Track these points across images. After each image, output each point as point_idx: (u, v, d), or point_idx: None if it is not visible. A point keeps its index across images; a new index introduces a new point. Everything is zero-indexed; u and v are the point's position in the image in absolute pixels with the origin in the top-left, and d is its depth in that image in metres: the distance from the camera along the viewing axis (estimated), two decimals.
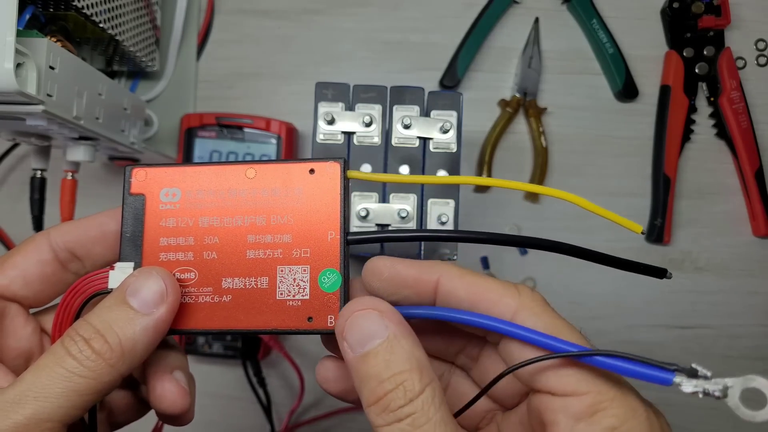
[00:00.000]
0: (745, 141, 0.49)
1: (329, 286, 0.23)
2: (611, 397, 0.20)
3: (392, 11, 0.52)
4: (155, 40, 0.48)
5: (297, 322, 0.23)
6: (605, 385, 0.20)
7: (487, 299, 0.22)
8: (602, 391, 0.20)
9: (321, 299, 0.23)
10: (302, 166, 0.25)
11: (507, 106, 0.50)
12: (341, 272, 0.24)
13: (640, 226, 0.24)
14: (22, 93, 0.29)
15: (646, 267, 0.23)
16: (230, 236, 0.24)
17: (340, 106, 0.37)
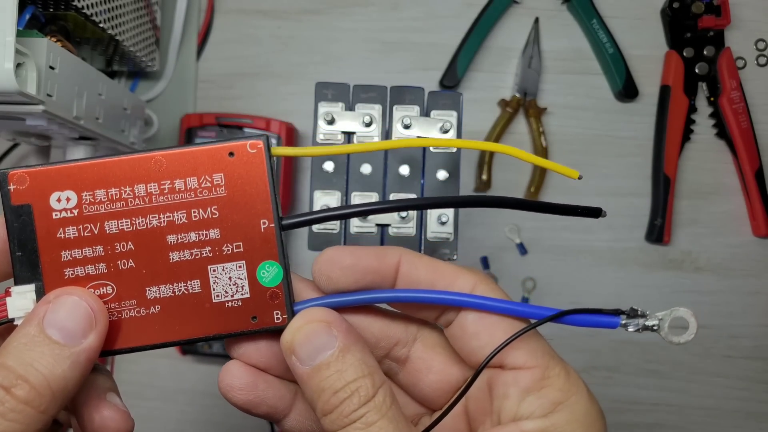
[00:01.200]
0: (745, 141, 0.49)
1: (270, 280, 0.22)
2: (557, 373, 0.21)
3: (392, 11, 0.52)
4: (155, 40, 0.48)
5: (241, 323, 0.22)
6: (552, 361, 0.21)
7: (446, 278, 0.22)
8: (549, 366, 0.21)
9: (263, 295, 0.22)
10: (219, 148, 0.21)
11: (507, 106, 0.50)
12: (281, 263, 0.22)
13: (576, 172, 0.24)
14: (22, 93, 0.29)
15: (582, 209, 0.23)
16: (146, 240, 0.21)
17: (340, 106, 0.37)
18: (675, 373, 0.50)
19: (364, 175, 0.36)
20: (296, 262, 0.51)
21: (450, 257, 0.37)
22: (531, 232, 0.50)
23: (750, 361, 0.50)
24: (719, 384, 0.50)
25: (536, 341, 0.22)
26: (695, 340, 0.50)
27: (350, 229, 0.36)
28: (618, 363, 0.50)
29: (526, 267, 0.50)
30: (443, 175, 0.37)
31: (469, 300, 0.22)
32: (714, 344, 0.50)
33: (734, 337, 0.50)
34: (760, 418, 0.49)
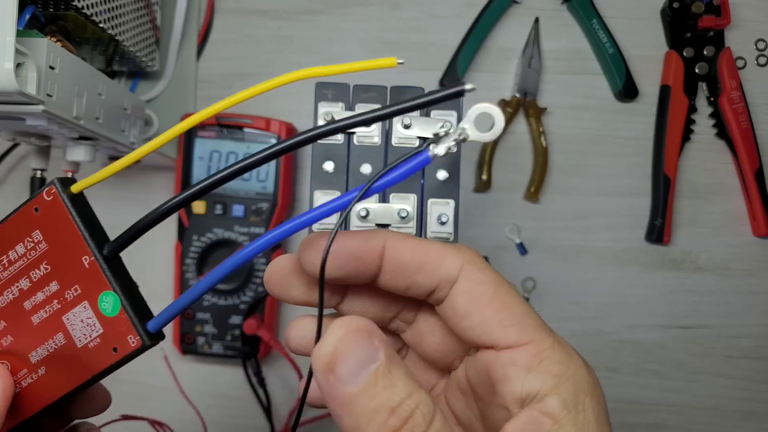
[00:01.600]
0: (745, 141, 0.49)
1: (112, 310, 0.22)
2: (551, 345, 0.20)
3: (392, 11, 0.52)
4: (155, 40, 0.48)
5: (107, 358, 0.22)
6: (542, 334, 0.20)
7: (433, 259, 0.21)
8: (542, 338, 0.20)
9: (113, 326, 0.22)
10: (25, 210, 0.23)
11: (507, 106, 0.50)
12: (114, 290, 0.22)
13: (394, 59, 0.23)
14: (22, 93, 0.29)
15: (444, 93, 0.20)
16: (11, 314, 0.23)
17: (340, 106, 0.37)
18: (675, 373, 0.50)
19: (364, 175, 0.36)
20: None
21: None
22: (531, 232, 0.50)
23: (750, 361, 0.50)
24: (720, 384, 0.50)
25: (528, 315, 0.21)
26: (695, 340, 0.51)
27: (350, 229, 0.36)
28: (618, 363, 0.50)
29: (526, 267, 0.50)
30: (443, 175, 0.37)
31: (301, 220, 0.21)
32: (714, 344, 0.50)
33: (734, 337, 0.50)
34: (761, 418, 0.49)
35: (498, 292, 0.21)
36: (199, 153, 0.49)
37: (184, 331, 0.49)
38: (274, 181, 0.48)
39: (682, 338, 0.50)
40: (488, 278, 0.21)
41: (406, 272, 0.21)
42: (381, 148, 0.37)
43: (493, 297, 0.21)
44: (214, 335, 0.48)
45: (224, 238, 0.48)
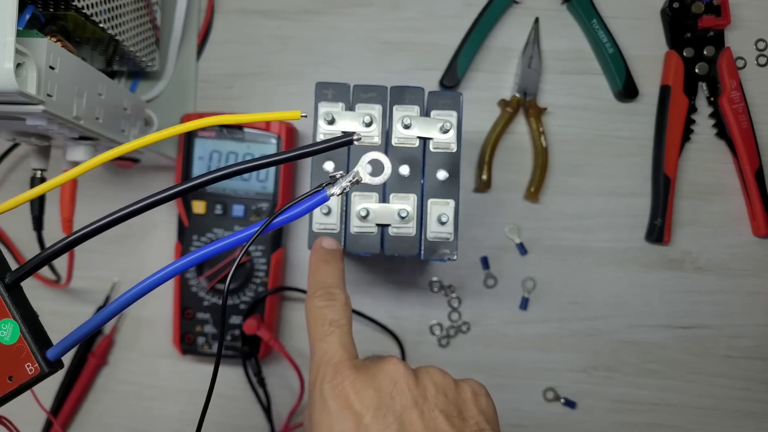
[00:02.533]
0: (745, 141, 0.49)
1: (10, 337, 0.22)
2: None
3: (392, 11, 0.52)
4: (155, 40, 0.48)
5: (2, 387, 0.22)
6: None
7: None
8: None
9: (10, 354, 0.22)
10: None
11: (507, 106, 0.50)
12: (14, 317, 0.22)
13: (298, 112, 0.24)
14: (22, 93, 0.29)
15: (336, 139, 0.23)
16: None
17: (340, 106, 0.37)
18: (675, 373, 0.50)
19: None
20: (296, 261, 0.51)
21: (450, 257, 0.37)
22: (531, 232, 0.50)
23: (750, 361, 0.50)
24: (719, 384, 0.50)
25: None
26: (695, 340, 0.51)
27: (351, 229, 0.36)
28: (618, 363, 0.50)
29: (526, 267, 0.50)
30: (443, 175, 0.37)
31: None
32: (714, 344, 0.50)
33: (734, 337, 0.50)
34: (760, 418, 0.50)
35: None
36: (199, 153, 0.49)
37: (184, 331, 0.49)
38: (274, 181, 0.48)
39: (682, 338, 0.50)
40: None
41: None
42: (381, 148, 0.37)
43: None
44: (214, 335, 0.48)
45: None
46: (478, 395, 0.30)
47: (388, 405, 0.27)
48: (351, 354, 0.30)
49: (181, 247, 0.48)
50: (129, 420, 0.52)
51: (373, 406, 0.27)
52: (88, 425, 0.52)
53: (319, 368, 0.29)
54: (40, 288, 0.51)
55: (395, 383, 0.28)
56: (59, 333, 0.23)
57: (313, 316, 0.31)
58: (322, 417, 0.27)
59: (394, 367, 0.28)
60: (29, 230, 0.44)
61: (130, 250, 0.52)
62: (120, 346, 0.52)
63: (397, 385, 0.28)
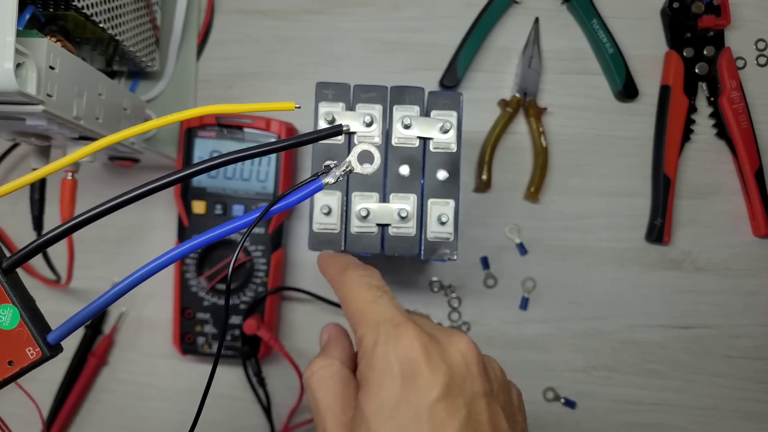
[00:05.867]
0: (745, 141, 0.49)
1: (10, 323, 0.22)
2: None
3: (392, 11, 0.52)
4: (155, 40, 0.48)
5: (1, 371, 0.22)
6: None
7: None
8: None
9: (10, 339, 0.22)
10: None
11: (507, 106, 0.50)
12: (13, 303, 0.22)
13: (292, 103, 0.26)
14: (22, 93, 0.29)
15: (325, 130, 0.25)
16: None
17: (340, 106, 0.37)
18: (675, 373, 0.50)
19: (364, 175, 0.36)
20: (295, 261, 0.51)
21: (450, 257, 0.37)
22: (531, 232, 0.50)
23: (750, 361, 0.50)
24: (719, 384, 0.50)
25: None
26: (695, 340, 0.51)
27: (351, 229, 0.36)
28: (618, 363, 0.50)
29: (526, 267, 0.50)
30: (443, 175, 0.37)
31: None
32: (714, 344, 0.50)
33: (734, 337, 0.50)
34: (760, 418, 0.50)
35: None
36: (199, 153, 0.49)
37: (184, 331, 0.49)
38: (274, 181, 0.48)
39: (681, 338, 0.50)
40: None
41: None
42: (381, 148, 0.37)
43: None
44: (214, 335, 0.48)
45: (224, 238, 0.48)
46: (521, 404, 0.29)
47: (460, 387, 0.24)
48: (409, 317, 0.27)
49: None
50: (129, 420, 0.52)
51: (444, 384, 0.24)
52: (88, 425, 0.52)
53: (378, 328, 0.26)
54: (41, 288, 0.51)
55: (467, 365, 0.25)
56: None
57: (357, 283, 0.29)
58: (385, 380, 0.24)
59: (467, 347, 0.26)
60: (29, 230, 0.44)
61: (130, 251, 0.52)
62: (120, 346, 0.52)
63: (469, 367, 0.25)
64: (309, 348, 0.51)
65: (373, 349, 0.26)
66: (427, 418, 0.23)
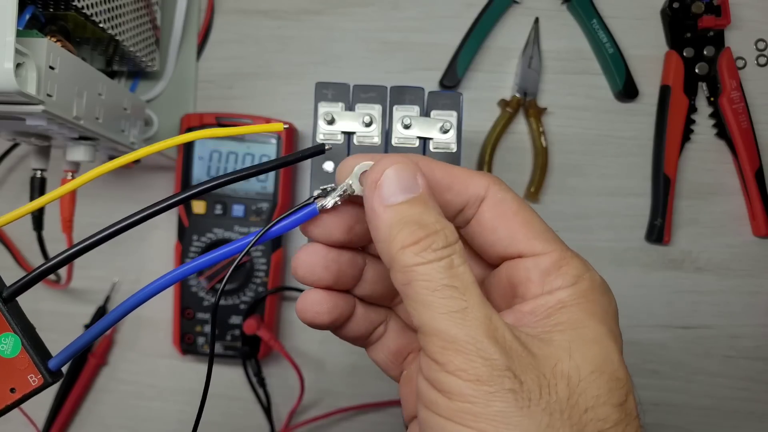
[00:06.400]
0: (745, 141, 0.49)
1: (11, 351, 0.22)
2: (570, 255, 0.23)
3: (392, 11, 0.52)
4: (155, 40, 0.48)
5: (3, 399, 0.22)
6: (562, 245, 0.23)
7: (461, 180, 0.23)
8: (563, 249, 0.23)
9: (12, 367, 0.22)
10: None
11: (507, 106, 0.50)
12: (14, 331, 0.22)
13: (280, 124, 0.25)
14: (22, 93, 0.29)
15: (307, 150, 0.24)
16: None
17: (340, 106, 0.37)
18: (675, 373, 0.50)
19: None
20: None
21: None
22: None
23: (750, 361, 0.50)
24: (719, 384, 0.50)
25: (549, 230, 0.23)
26: (696, 340, 0.50)
27: None
28: None
29: None
30: None
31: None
32: (714, 344, 0.50)
33: (734, 337, 0.50)
34: (760, 418, 0.49)
35: (521, 208, 0.23)
36: (199, 153, 0.49)
37: (184, 332, 0.49)
38: (274, 182, 0.48)
39: (682, 338, 0.50)
40: (511, 197, 0.23)
41: (436, 191, 0.23)
42: (381, 148, 0.37)
43: (517, 213, 0.23)
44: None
45: (224, 238, 0.48)
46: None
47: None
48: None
49: (181, 247, 0.48)
50: (129, 420, 0.52)
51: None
52: (88, 425, 0.52)
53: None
54: (40, 288, 0.51)
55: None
56: (59, 333, 0.23)
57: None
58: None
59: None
60: (29, 230, 0.44)
61: (130, 250, 0.52)
62: (120, 346, 0.52)
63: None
64: (309, 348, 0.51)
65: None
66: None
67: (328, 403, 0.51)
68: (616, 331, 0.22)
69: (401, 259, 0.20)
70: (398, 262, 0.20)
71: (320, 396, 0.51)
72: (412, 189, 0.21)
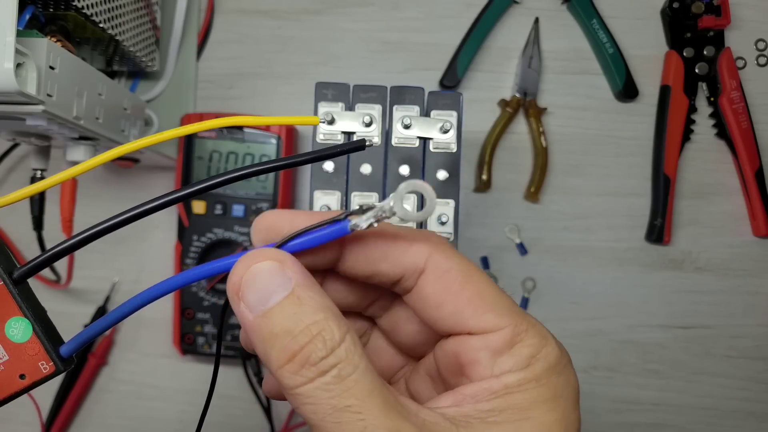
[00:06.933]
0: (745, 141, 0.49)
1: (22, 336, 0.22)
2: (525, 329, 0.20)
3: (392, 11, 0.52)
4: (155, 40, 0.48)
5: (12, 385, 0.22)
6: (519, 317, 0.20)
7: (397, 248, 0.20)
8: (518, 323, 0.20)
9: (22, 352, 0.22)
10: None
11: (507, 106, 0.50)
12: (26, 316, 0.22)
13: (317, 118, 0.24)
14: (22, 93, 0.29)
15: (347, 144, 0.21)
16: None
17: (340, 106, 0.37)
18: (675, 373, 0.50)
19: (364, 176, 0.36)
20: None
21: None
22: (531, 232, 0.50)
23: (750, 361, 0.50)
24: (719, 384, 0.50)
25: (502, 300, 0.20)
26: (696, 340, 0.50)
27: None
28: (618, 363, 0.50)
29: (526, 267, 0.50)
30: (443, 175, 0.37)
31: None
32: (714, 344, 0.50)
33: (734, 337, 0.50)
34: (760, 418, 0.49)
35: (469, 279, 0.20)
36: (198, 153, 0.49)
37: (184, 332, 0.49)
38: (274, 181, 0.48)
39: (682, 338, 0.50)
40: (457, 265, 0.20)
41: (368, 260, 0.20)
42: (381, 149, 0.37)
43: (464, 285, 0.20)
44: (215, 335, 0.48)
45: (224, 238, 0.48)
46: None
47: None
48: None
49: (181, 247, 0.48)
50: (129, 420, 0.52)
51: None
52: (88, 425, 0.52)
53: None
54: (40, 288, 0.51)
55: None
56: (60, 333, 0.23)
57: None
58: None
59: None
60: (29, 230, 0.44)
61: (130, 250, 0.52)
62: (120, 346, 0.52)
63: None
64: None
65: None
66: None
67: None
68: (571, 416, 0.20)
69: (282, 381, 0.17)
70: (281, 384, 0.17)
71: None
72: (282, 286, 0.18)
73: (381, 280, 0.21)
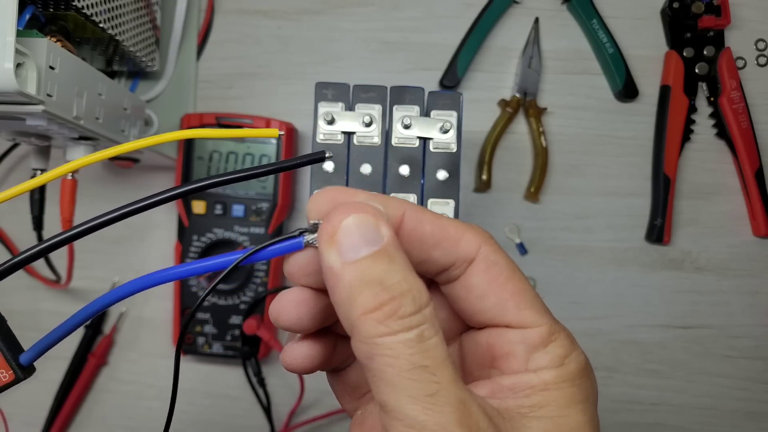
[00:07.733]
0: (745, 141, 0.49)
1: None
2: (559, 330, 0.21)
3: (392, 11, 0.52)
4: (155, 40, 0.48)
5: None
6: (552, 319, 0.21)
7: (451, 236, 0.21)
8: (553, 323, 0.21)
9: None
10: None
11: (507, 106, 0.50)
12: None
13: (275, 130, 0.24)
14: (22, 93, 0.29)
15: (306, 157, 0.22)
16: None
17: (340, 106, 0.37)
18: (675, 373, 0.50)
19: (364, 175, 0.36)
20: None
21: None
22: (531, 232, 0.50)
23: (750, 361, 0.50)
24: (719, 384, 0.50)
25: (540, 300, 0.21)
26: (695, 340, 0.50)
27: None
28: (618, 363, 0.50)
29: (526, 267, 0.50)
30: (443, 175, 0.37)
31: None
32: (714, 344, 0.50)
33: (734, 337, 0.50)
34: (760, 418, 0.50)
35: (513, 274, 0.21)
36: (198, 153, 0.49)
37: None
38: (274, 182, 0.48)
39: (682, 338, 0.50)
40: (503, 260, 0.21)
41: (423, 246, 0.21)
42: (381, 149, 0.37)
43: (509, 279, 0.21)
44: (214, 335, 0.48)
45: (224, 238, 0.48)
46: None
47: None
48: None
49: (181, 247, 0.48)
50: (129, 420, 0.52)
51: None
52: (88, 425, 0.52)
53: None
54: (40, 288, 0.51)
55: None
56: None
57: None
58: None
59: None
60: (29, 230, 0.44)
61: (130, 250, 0.52)
62: (120, 346, 0.52)
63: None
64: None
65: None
66: None
67: (328, 403, 0.51)
68: (595, 420, 0.21)
69: (363, 327, 0.17)
70: (359, 331, 0.17)
71: (320, 396, 0.51)
72: (375, 241, 0.18)
73: (429, 267, 0.21)
